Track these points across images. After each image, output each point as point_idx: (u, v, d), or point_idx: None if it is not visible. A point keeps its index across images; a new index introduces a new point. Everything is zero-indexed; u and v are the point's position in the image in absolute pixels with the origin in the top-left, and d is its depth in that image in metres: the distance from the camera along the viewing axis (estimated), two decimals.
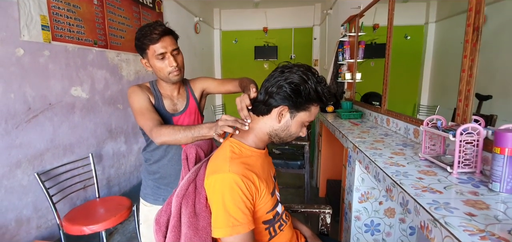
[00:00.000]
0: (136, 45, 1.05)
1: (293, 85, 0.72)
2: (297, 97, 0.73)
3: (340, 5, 3.50)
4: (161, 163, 1.16)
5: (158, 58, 1.02)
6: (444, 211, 0.70)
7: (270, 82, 0.76)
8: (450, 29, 2.03)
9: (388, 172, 1.00)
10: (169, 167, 1.16)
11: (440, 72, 2.11)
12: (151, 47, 1.01)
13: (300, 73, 0.73)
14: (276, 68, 0.79)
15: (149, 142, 1.16)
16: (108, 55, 2.29)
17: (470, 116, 1.03)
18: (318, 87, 0.74)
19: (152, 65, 1.05)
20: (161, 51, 1.01)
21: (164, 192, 1.18)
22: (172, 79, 1.07)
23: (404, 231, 1.47)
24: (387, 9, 2.20)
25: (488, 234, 0.59)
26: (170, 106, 1.13)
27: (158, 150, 1.15)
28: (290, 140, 0.82)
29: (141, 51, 1.05)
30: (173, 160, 1.16)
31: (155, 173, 1.17)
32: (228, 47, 5.66)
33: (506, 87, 1.34)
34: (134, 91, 1.06)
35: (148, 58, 1.05)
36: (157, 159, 1.16)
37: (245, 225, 0.68)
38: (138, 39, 1.03)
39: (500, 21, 1.51)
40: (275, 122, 0.78)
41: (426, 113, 2.15)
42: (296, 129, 0.79)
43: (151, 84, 1.14)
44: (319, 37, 5.25)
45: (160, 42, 1.00)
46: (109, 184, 2.32)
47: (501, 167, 0.78)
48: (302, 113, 0.77)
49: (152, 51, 1.02)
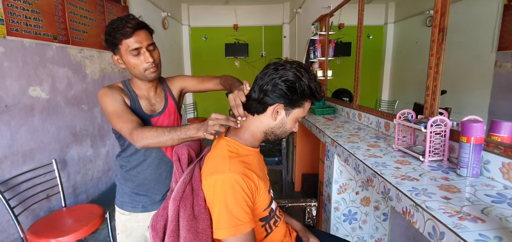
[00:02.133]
0: (107, 40, 0.96)
1: (288, 83, 0.73)
2: (292, 95, 0.74)
3: (309, 4, 3.62)
4: (140, 168, 1.09)
5: (133, 54, 0.94)
6: (423, 196, 0.77)
7: (264, 80, 0.76)
8: (406, 30, 2.21)
9: (368, 164, 1.06)
10: (148, 173, 1.09)
11: (399, 70, 2.29)
12: (124, 42, 0.93)
13: (294, 70, 0.74)
14: (268, 66, 0.79)
15: (125, 146, 1.07)
16: (70, 51, 2.10)
17: (437, 109, 1.14)
18: (311, 84, 0.76)
19: (125, 62, 0.97)
20: (136, 46, 0.93)
21: (143, 198, 1.11)
22: (148, 76, 0.99)
23: (378, 217, 1.57)
24: (352, 10, 2.32)
25: (465, 215, 0.66)
26: (147, 107, 1.06)
27: (136, 155, 1.07)
28: (285, 136, 0.83)
29: (112, 46, 0.96)
30: (152, 165, 1.09)
31: (133, 180, 1.09)
32: (197, 44, 5.53)
33: (456, 83, 1.50)
34: (106, 93, 0.97)
35: (121, 54, 0.96)
36: (135, 164, 1.08)
37: (248, 224, 0.68)
38: (109, 34, 0.94)
39: (449, 23, 1.68)
40: (270, 120, 0.78)
41: (386, 107, 2.32)
42: (291, 125, 0.80)
43: (124, 85, 1.04)
44: (288, 35, 5.36)
45: (134, 36, 0.93)
46: (76, 191, 2.15)
47: (467, 154, 0.87)
48: (296, 109, 0.78)
49: (125, 47, 0.94)
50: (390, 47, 2.39)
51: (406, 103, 2.11)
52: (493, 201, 0.73)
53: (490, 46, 1.23)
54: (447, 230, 0.62)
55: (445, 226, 0.63)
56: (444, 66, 1.10)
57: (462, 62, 1.48)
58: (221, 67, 5.51)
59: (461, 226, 0.61)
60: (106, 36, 0.96)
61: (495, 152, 0.86)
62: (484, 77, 1.29)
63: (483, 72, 1.31)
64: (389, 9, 2.40)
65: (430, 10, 1.82)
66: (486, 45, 1.27)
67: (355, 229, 1.57)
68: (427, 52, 1.93)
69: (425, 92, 1.20)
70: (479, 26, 1.37)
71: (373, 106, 2.18)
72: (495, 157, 0.87)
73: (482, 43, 1.33)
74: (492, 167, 0.87)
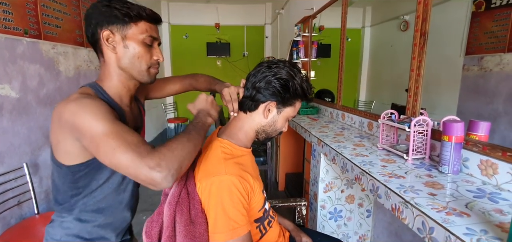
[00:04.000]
0: (105, 11, 0.71)
1: (281, 81, 0.74)
2: (285, 93, 0.75)
3: (292, 6, 3.66)
4: (115, 213, 0.82)
5: (145, 42, 0.74)
6: (411, 193, 0.80)
7: (258, 77, 0.76)
8: (382, 33, 2.31)
9: (356, 162, 1.09)
10: (113, 199, 0.81)
11: (375, 71, 2.39)
12: (143, 24, 0.73)
13: (287, 69, 0.75)
14: (262, 63, 0.79)
15: (100, 184, 0.76)
16: (42, 47, 1.96)
17: (419, 110, 1.20)
18: (303, 84, 0.77)
19: (128, 46, 0.73)
20: (154, 36, 0.77)
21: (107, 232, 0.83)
22: (149, 76, 0.79)
23: (362, 214, 1.63)
24: (331, 13, 2.39)
25: (451, 210, 0.70)
26: (132, 122, 0.84)
27: (113, 194, 0.80)
28: (275, 135, 0.83)
29: (114, 20, 0.71)
30: (128, 202, 0.85)
31: (93, 219, 0.79)
32: (178, 42, 5.40)
33: (427, 85, 1.59)
34: (87, 103, 0.64)
35: (126, 35, 0.73)
36: (110, 210, 0.80)
37: (245, 227, 0.67)
38: (118, 4, 0.71)
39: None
40: (262, 118, 0.79)
41: (364, 107, 2.41)
42: (281, 124, 0.81)
43: (98, 92, 0.75)
44: (270, 35, 5.39)
45: (155, 26, 0.78)
46: (49, 197, 2.01)
47: (449, 152, 0.92)
48: (288, 108, 0.79)
49: (141, 29, 0.73)
50: (367, 50, 2.48)
51: (382, 104, 2.20)
52: (474, 196, 0.78)
53: (459, 51, 1.30)
54: (436, 225, 0.65)
55: (434, 221, 0.66)
56: (425, 68, 1.16)
57: (433, 65, 1.57)
58: (203, 66, 5.42)
59: (449, 221, 0.65)
60: (105, 7, 0.72)
61: (473, 149, 0.92)
62: (453, 80, 1.36)
63: (453, 75, 1.38)
64: (367, 13, 2.48)
65: (404, 15, 1.92)
66: (455, 50, 1.34)
67: (340, 226, 1.61)
68: (401, 55, 2.02)
69: (407, 93, 1.26)
70: (449, 31, 1.44)
71: (351, 106, 2.26)
72: (474, 154, 0.92)
73: (452, 48, 1.40)
74: (471, 164, 0.93)
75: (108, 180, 0.77)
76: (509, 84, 1.07)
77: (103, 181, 0.76)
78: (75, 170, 0.71)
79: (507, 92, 1.08)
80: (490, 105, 1.15)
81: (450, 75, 1.44)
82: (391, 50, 2.19)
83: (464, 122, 0.93)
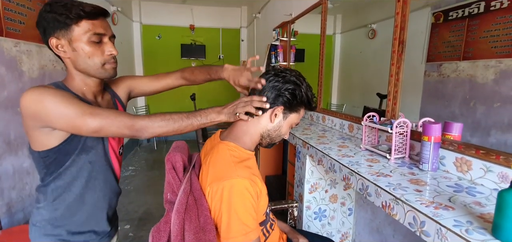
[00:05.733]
0: (48, 18, 0.71)
1: (290, 89, 0.76)
2: (293, 99, 0.77)
3: (269, 10, 3.72)
4: (85, 198, 0.82)
5: (93, 40, 0.74)
6: (400, 190, 0.86)
7: (269, 85, 0.78)
8: (352, 40, 2.44)
9: (344, 163, 1.14)
10: (94, 199, 0.84)
11: (345, 76, 2.51)
12: (84, 23, 0.72)
13: (294, 78, 0.78)
14: (269, 71, 0.81)
15: (67, 166, 0.77)
16: (3, 45, 1.78)
17: (398, 112, 1.29)
18: (308, 93, 0.80)
19: (77, 49, 0.73)
20: (100, 32, 0.75)
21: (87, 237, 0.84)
22: (106, 72, 0.80)
23: (344, 213, 1.70)
24: (305, 19, 2.48)
25: (437, 204, 0.76)
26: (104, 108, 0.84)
27: (82, 179, 0.80)
28: (278, 141, 0.84)
29: (58, 26, 0.72)
30: (99, 187, 0.85)
31: (71, 217, 0.81)
32: (150, 42, 5.20)
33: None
34: (46, 91, 0.68)
35: (72, 39, 0.73)
36: (79, 193, 0.80)
37: (256, 230, 0.67)
38: (56, 10, 0.70)
39: (386, 35, 1.90)
40: (268, 122, 0.80)
41: (336, 110, 2.52)
42: (286, 130, 0.82)
43: (59, 88, 0.76)
44: (246, 39, 5.42)
45: (99, 20, 0.76)
46: (11, 210, 1.82)
47: (428, 151, 1.01)
48: (293, 114, 0.81)
49: (84, 29, 0.72)
50: (338, 55, 2.59)
51: (352, 107, 2.32)
52: (454, 190, 0.86)
53: (421, 58, 1.40)
54: (427, 219, 0.71)
55: (425, 216, 0.71)
56: (403, 74, 1.25)
57: None
58: (177, 68, 5.25)
59: (438, 214, 0.71)
60: (47, 13, 0.71)
61: (449, 148, 1.01)
62: (416, 85, 1.47)
63: (415, 80, 1.48)
64: (337, 20, 2.60)
65: (372, 24, 2.05)
66: (418, 57, 1.44)
67: (324, 226, 1.66)
68: (370, 61, 2.13)
69: (387, 97, 1.34)
70: (412, 40, 1.56)
71: (324, 108, 2.34)
72: (449, 153, 1.02)
73: (415, 55, 1.52)
74: (447, 161, 1.03)
75: (75, 164, 0.79)
76: (464, 89, 1.19)
77: (69, 163, 0.78)
78: (45, 155, 0.75)
79: (462, 96, 1.20)
80: (448, 108, 1.26)
81: (413, 80, 1.55)
82: (360, 56, 2.31)
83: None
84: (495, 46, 1.07)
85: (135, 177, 3.45)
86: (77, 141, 0.77)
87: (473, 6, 1.15)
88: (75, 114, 0.68)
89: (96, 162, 0.82)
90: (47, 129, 0.71)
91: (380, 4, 1.92)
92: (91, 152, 0.80)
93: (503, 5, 1.03)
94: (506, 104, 1.03)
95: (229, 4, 5.20)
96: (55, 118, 0.68)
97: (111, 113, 0.72)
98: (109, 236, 0.92)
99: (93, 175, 0.82)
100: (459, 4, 1.21)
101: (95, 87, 0.83)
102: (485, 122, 1.09)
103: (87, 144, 0.79)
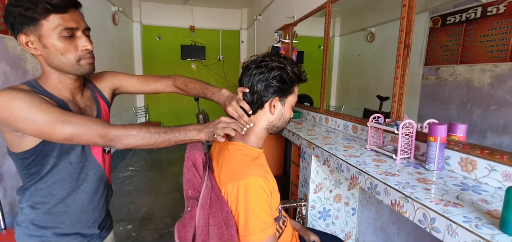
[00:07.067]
0: (15, 13, 0.67)
1: (277, 77, 0.77)
2: (283, 84, 0.79)
3: (271, 12, 3.75)
4: (71, 198, 0.80)
5: (64, 35, 0.69)
6: (409, 189, 0.89)
7: (253, 80, 0.78)
8: (350, 43, 2.48)
9: (351, 163, 1.17)
10: (84, 202, 0.82)
11: (344, 79, 2.55)
12: (52, 17, 0.67)
13: (276, 63, 0.78)
14: (248, 66, 0.81)
15: (47, 170, 0.75)
16: (8, 43, 1.78)
17: (403, 114, 1.32)
18: (295, 69, 0.81)
19: (48, 45, 0.69)
20: (71, 26, 0.70)
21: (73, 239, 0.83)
22: (82, 69, 0.75)
23: (348, 212, 1.73)
24: (305, 21, 2.51)
25: (446, 202, 0.79)
26: (79, 113, 0.80)
27: (64, 182, 0.78)
28: (285, 125, 0.86)
29: (25, 22, 0.67)
30: (90, 189, 0.83)
31: (57, 220, 0.79)
32: (150, 43, 5.20)
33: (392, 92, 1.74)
34: (14, 95, 0.65)
35: (42, 35, 0.68)
36: (64, 195, 0.79)
37: (272, 226, 0.69)
38: (23, 4, 0.66)
39: (384, 39, 1.94)
40: (269, 114, 0.82)
41: (334, 112, 2.55)
42: (288, 113, 0.85)
43: (32, 87, 0.72)
44: (246, 40, 5.45)
45: (70, 13, 0.70)
46: (14, 210, 1.81)
47: (434, 151, 1.04)
48: (290, 97, 0.83)
49: (53, 24, 0.68)
50: (337, 58, 2.62)
51: (351, 109, 2.36)
52: (461, 189, 0.89)
53: (419, 61, 1.43)
54: (438, 216, 0.74)
55: (436, 212, 0.74)
56: (408, 76, 1.29)
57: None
58: (177, 69, 5.29)
59: (448, 211, 0.74)
60: (13, 8, 0.67)
61: (455, 149, 1.05)
62: (414, 87, 1.48)
63: (414, 83, 1.52)
64: (336, 23, 2.64)
65: (370, 27, 2.09)
66: (416, 61, 1.46)
67: (328, 225, 1.69)
68: (368, 64, 2.16)
69: (391, 99, 1.38)
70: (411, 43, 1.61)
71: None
72: (454, 153, 1.05)
73: (413, 58, 1.56)
74: (452, 161, 1.06)
75: (56, 166, 0.76)
76: (461, 93, 1.22)
77: (50, 166, 0.75)
78: (23, 157, 0.73)
79: (459, 99, 1.23)
80: (446, 110, 1.29)
81: (412, 83, 1.59)
82: (358, 59, 2.35)
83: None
84: (491, 50, 1.10)
85: (135, 177, 3.45)
86: (54, 142, 0.73)
87: (470, 11, 1.18)
88: (44, 122, 0.65)
89: (77, 163, 0.79)
90: (18, 133, 0.68)
91: (379, 8, 1.96)
92: (71, 153, 0.77)
93: (499, 11, 1.07)
94: (501, 108, 1.06)
95: (229, 5, 5.23)
96: (24, 126, 0.65)
97: (84, 121, 0.68)
98: (100, 237, 0.90)
99: (75, 177, 0.79)
100: (457, 9, 1.24)
101: (72, 84, 0.78)
102: (482, 125, 1.13)
103: (66, 145, 0.75)
